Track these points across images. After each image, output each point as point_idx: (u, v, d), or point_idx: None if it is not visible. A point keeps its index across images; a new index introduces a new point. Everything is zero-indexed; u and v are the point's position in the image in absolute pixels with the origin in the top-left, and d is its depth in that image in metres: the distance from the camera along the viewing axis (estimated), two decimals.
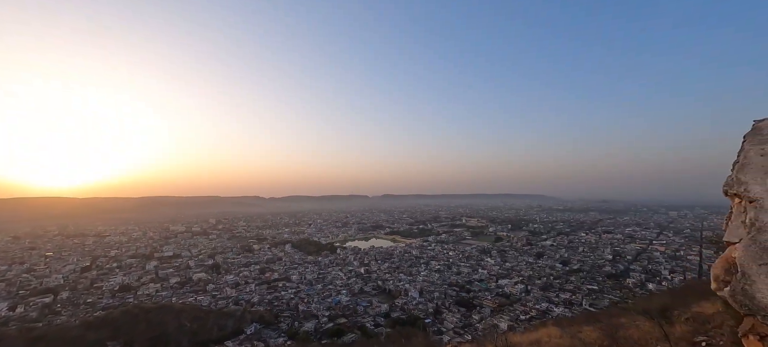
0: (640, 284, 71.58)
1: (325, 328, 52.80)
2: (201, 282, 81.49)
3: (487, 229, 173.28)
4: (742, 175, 3.61)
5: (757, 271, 2.63)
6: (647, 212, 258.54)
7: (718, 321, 7.77)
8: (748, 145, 3.88)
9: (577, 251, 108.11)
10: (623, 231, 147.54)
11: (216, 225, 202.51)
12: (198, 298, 68.88)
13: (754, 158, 3.73)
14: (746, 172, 3.59)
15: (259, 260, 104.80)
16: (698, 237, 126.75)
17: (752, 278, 2.61)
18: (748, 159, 3.76)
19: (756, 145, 3.90)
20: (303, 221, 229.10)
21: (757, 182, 3.43)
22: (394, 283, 77.30)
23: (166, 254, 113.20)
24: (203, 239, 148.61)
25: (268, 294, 71.63)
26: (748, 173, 3.56)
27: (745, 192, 3.28)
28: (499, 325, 50.79)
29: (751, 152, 3.81)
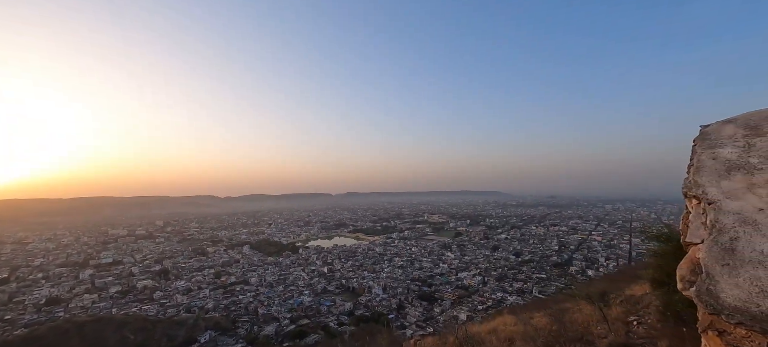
0: (582, 271, 78.90)
1: (287, 330, 51.34)
2: (147, 289, 74.79)
3: (448, 225, 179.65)
4: (698, 177, 3.73)
5: (720, 271, 2.61)
6: (588, 206, 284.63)
7: (646, 301, 8.86)
8: (700, 149, 4.18)
9: (528, 243, 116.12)
10: (567, 224, 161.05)
11: (164, 227, 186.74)
12: (143, 307, 63.21)
13: (706, 162, 3.90)
14: (702, 174, 3.73)
15: (213, 263, 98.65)
16: (628, 228, 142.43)
17: (716, 278, 2.60)
18: (702, 163, 3.92)
19: (707, 149, 4.10)
20: (262, 220, 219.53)
21: (713, 185, 3.55)
22: (358, 281, 77.26)
23: (104, 261, 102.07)
24: (149, 243, 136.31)
25: (224, 298, 67.81)
26: (704, 176, 3.70)
27: (703, 194, 3.46)
28: (458, 316, 53.06)
29: (703, 155, 4.01)
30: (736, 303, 2.37)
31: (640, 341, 6.67)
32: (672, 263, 7.09)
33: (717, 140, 4.36)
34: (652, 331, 6.97)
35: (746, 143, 4.07)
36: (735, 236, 2.86)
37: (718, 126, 4.82)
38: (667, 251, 7.34)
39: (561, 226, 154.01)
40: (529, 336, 8.03)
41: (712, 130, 4.82)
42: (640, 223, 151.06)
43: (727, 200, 3.29)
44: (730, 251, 2.75)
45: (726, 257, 2.71)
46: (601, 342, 6.92)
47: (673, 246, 7.20)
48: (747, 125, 4.48)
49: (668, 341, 6.01)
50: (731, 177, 3.57)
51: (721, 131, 4.53)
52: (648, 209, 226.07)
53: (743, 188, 3.35)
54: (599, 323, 8.18)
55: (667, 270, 7.18)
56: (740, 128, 4.46)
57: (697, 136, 4.92)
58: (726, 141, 4.25)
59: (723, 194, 3.38)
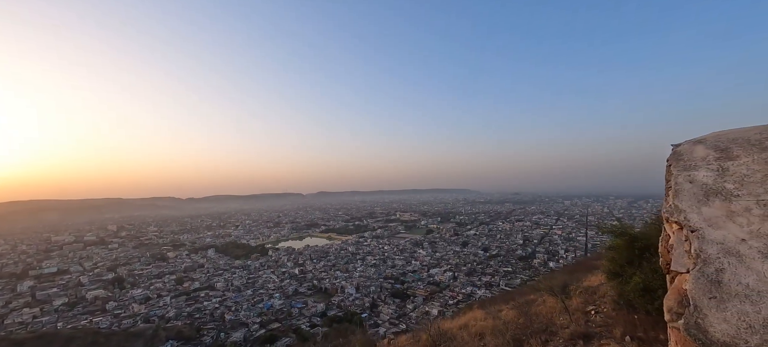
0: (544, 263, 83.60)
1: (257, 336, 49.61)
2: (98, 300, 68.92)
3: (420, 222, 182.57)
4: (678, 202, 3.56)
5: (708, 304, 2.56)
6: (549, 202, 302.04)
7: (602, 291, 9.56)
8: (675, 170, 4.02)
9: (495, 238, 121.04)
10: (531, 219, 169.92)
11: (117, 232, 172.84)
12: (95, 320, 58.21)
13: (684, 185, 3.74)
14: (681, 199, 3.58)
15: (175, 269, 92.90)
16: (584, 222, 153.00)
17: (704, 312, 2.54)
18: (679, 185, 3.76)
19: (682, 171, 3.94)
20: (229, 222, 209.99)
21: (694, 211, 3.39)
22: (330, 281, 76.35)
23: (46, 270, 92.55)
24: (100, 250, 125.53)
25: (187, 306, 64.14)
26: (684, 201, 3.55)
27: (686, 221, 3.33)
28: (430, 312, 54.17)
29: (679, 177, 3.83)
30: (725, 338, 2.30)
31: (598, 329, 7.18)
32: (624, 255, 7.74)
33: (690, 161, 4.21)
34: (608, 320, 7.53)
35: (719, 167, 4.02)
36: (720, 268, 2.80)
37: (690, 146, 4.69)
38: (619, 245, 7.97)
39: (525, 221, 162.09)
40: (499, 330, 8.36)
41: (684, 150, 4.65)
42: (594, 217, 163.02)
43: (709, 229, 3.19)
44: (717, 283, 2.68)
45: (713, 289, 2.65)
46: (563, 333, 7.36)
47: (625, 240, 7.84)
48: (717, 147, 4.41)
49: (622, 328, 6.52)
50: (710, 203, 3.49)
51: (693, 153, 4.42)
52: (601, 204, 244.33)
53: (723, 216, 3.29)
54: (561, 314, 8.69)
55: (620, 262, 7.81)
56: (711, 149, 4.38)
57: (670, 155, 4.73)
58: (700, 163, 4.14)
59: (705, 221, 3.28)
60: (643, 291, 6.39)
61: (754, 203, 3.32)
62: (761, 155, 4.06)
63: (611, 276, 8.27)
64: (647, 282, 6.31)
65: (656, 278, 6.08)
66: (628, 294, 6.89)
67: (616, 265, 7.92)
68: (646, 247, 7.01)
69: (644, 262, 6.77)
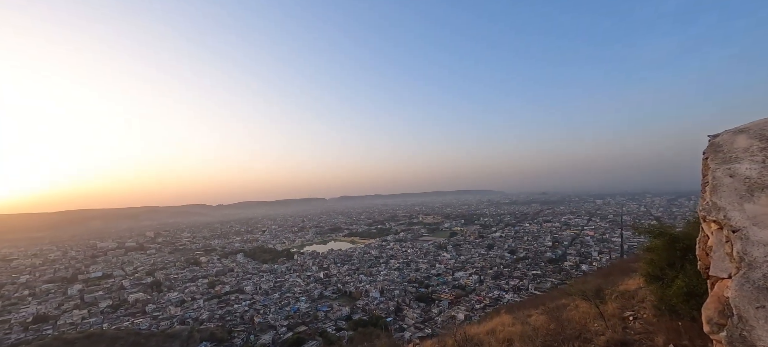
0: (576, 266, 79.82)
1: (284, 338, 50.70)
2: (139, 303, 73.20)
3: (443, 225, 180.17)
4: (716, 199, 3.11)
5: (754, 315, 2.22)
6: (579, 202, 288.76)
7: (641, 296, 8.98)
8: (712, 163, 3.59)
9: (522, 240, 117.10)
10: (560, 220, 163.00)
11: (154, 238, 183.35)
12: (136, 321, 61.79)
13: (724, 180, 3.30)
14: (720, 196, 3.14)
15: (207, 273, 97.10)
16: (619, 221, 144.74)
17: (750, 323, 2.21)
18: (719, 181, 3.30)
19: (721, 164, 3.51)
20: (256, 228, 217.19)
21: (735, 208, 2.97)
22: (354, 285, 76.83)
23: (93, 275, 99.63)
24: (139, 255, 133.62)
25: (219, 308, 66.73)
26: (723, 198, 3.11)
27: (726, 220, 2.91)
28: (456, 316, 53.13)
29: (718, 172, 3.39)
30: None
31: (637, 337, 6.74)
32: (664, 257, 7.24)
33: (731, 153, 3.65)
34: (649, 326, 7.05)
35: (765, 158, 3.49)
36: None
37: (730, 137, 4.08)
38: (659, 246, 7.45)
39: (554, 222, 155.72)
40: (528, 336, 8.05)
41: (724, 141, 4.07)
42: (630, 217, 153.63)
43: (754, 228, 2.75)
44: (765, 290, 2.36)
45: (761, 298, 2.32)
46: (598, 340, 6.97)
47: (664, 241, 7.33)
48: (762, 136, 3.81)
49: (665, 336, 6.08)
50: (755, 200, 3.01)
51: (734, 143, 3.85)
52: (637, 203, 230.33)
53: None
54: (596, 319, 8.25)
55: (660, 265, 7.30)
56: (755, 139, 3.78)
57: (707, 148, 4.15)
58: (742, 155, 3.59)
59: (749, 220, 2.85)
60: (687, 296, 5.94)
61: None
62: None
63: (650, 280, 7.75)
64: (691, 286, 5.86)
65: (701, 282, 5.63)
66: (671, 299, 6.43)
67: (656, 268, 7.42)
68: (688, 248, 6.52)
69: (687, 264, 6.29)
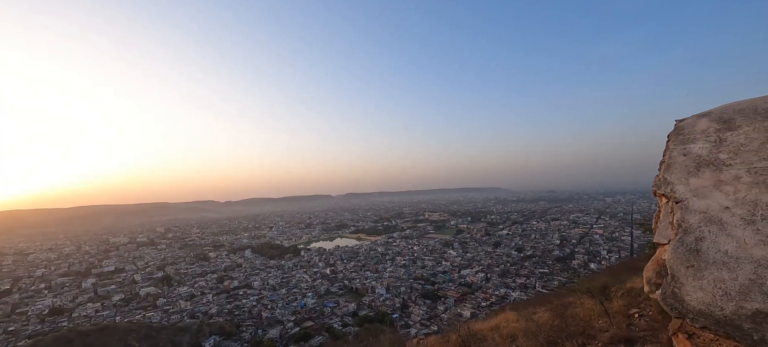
0: (584, 264, 78.96)
1: (292, 333, 51.38)
2: (150, 296, 74.85)
3: (449, 222, 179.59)
4: (668, 175, 3.48)
5: (684, 273, 2.49)
6: (588, 200, 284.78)
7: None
8: (672, 144, 3.88)
9: (529, 238, 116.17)
10: (568, 218, 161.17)
11: (165, 234, 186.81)
12: (147, 315, 63.24)
13: (677, 158, 3.64)
14: (672, 172, 3.49)
15: (216, 268, 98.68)
16: (629, 220, 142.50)
17: (681, 280, 2.47)
18: (673, 159, 3.65)
19: (678, 144, 3.81)
20: (263, 224, 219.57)
21: (682, 183, 3.32)
22: (360, 281, 77.29)
23: (106, 269, 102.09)
24: (150, 250, 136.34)
25: (227, 303, 67.86)
26: (674, 173, 3.46)
27: (672, 192, 3.23)
28: (462, 314, 53.12)
29: (674, 151, 3.71)
30: (700, 306, 2.31)
31: (642, 334, 6.69)
32: None
33: (690, 135, 4.08)
34: (654, 323, 6.99)
35: (718, 138, 3.86)
36: (700, 237, 2.76)
37: (693, 120, 4.50)
38: None
39: (562, 220, 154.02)
40: (532, 332, 8.05)
41: (687, 124, 4.51)
42: (641, 215, 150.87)
43: (694, 199, 3.14)
44: (695, 252, 2.66)
45: (691, 258, 2.62)
46: (602, 336, 6.94)
47: None
48: (721, 119, 4.21)
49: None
50: (700, 174, 3.40)
51: (695, 126, 4.26)
52: (649, 201, 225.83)
53: (711, 186, 3.19)
54: (601, 317, 8.20)
55: None
56: (714, 122, 4.18)
57: (671, 131, 4.57)
58: (698, 136, 4.00)
59: (691, 192, 3.23)
60: None
61: (744, 172, 3.24)
62: (763, 123, 3.84)
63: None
64: None
65: None
66: None
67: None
68: None
69: None
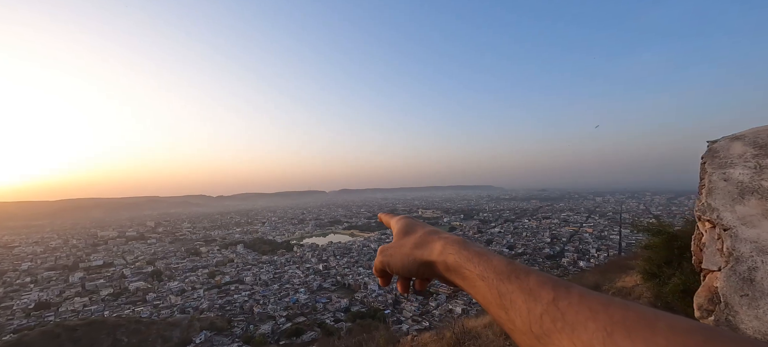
0: (573, 262, 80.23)
1: (283, 328, 51.29)
2: (139, 291, 73.89)
3: (442, 219, 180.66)
4: (711, 200, 3.42)
5: (739, 302, 2.55)
6: (578, 199, 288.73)
7: (637, 292, 9.09)
8: (710, 168, 3.85)
9: (521, 236, 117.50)
10: (559, 216, 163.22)
11: (155, 228, 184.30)
12: (136, 310, 62.50)
13: (718, 183, 3.60)
14: (715, 197, 3.45)
15: (207, 263, 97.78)
16: (618, 219, 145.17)
17: (735, 309, 2.54)
18: (713, 183, 3.62)
19: (717, 169, 3.79)
20: (256, 219, 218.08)
21: (727, 209, 3.28)
22: (353, 277, 77.42)
23: (94, 263, 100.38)
24: (140, 245, 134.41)
25: (219, 298, 67.38)
26: (717, 199, 3.42)
27: (718, 219, 3.21)
28: (454, 310, 53.65)
29: (714, 175, 3.69)
30: (756, 334, 2.30)
31: None
32: (662, 255, 7.32)
33: (727, 159, 3.86)
34: None
35: (757, 164, 3.69)
36: (753, 266, 2.75)
37: (727, 143, 4.29)
38: (657, 244, 7.52)
39: (553, 219, 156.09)
40: None
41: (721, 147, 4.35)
42: (629, 214, 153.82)
43: (743, 227, 3.11)
44: (749, 281, 2.66)
45: (745, 287, 2.64)
46: None
47: (662, 239, 7.40)
48: (756, 143, 3.96)
49: None
50: (745, 202, 3.32)
51: (730, 149, 4.00)
52: (637, 201, 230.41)
53: (758, 215, 3.14)
54: None
55: (657, 262, 7.38)
56: (749, 146, 3.93)
57: (705, 153, 4.48)
58: (736, 160, 3.81)
59: (738, 220, 3.19)
60: (683, 293, 6.03)
61: None
62: None
63: (648, 277, 7.83)
64: (687, 284, 5.94)
65: (697, 279, 5.71)
66: (667, 296, 6.52)
67: (653, 265, 7.50)
68: (686, 246, 6.58)
69: (684, 262, 6.37)
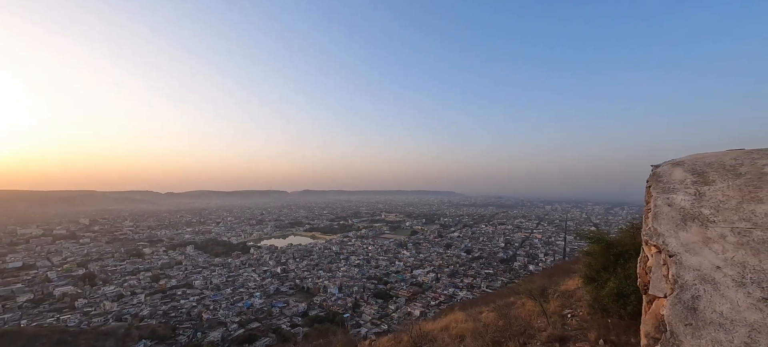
0: (524, 266, 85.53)
1: (235, 335, 48.51)
2: (67, 297, 65.71)
3: (405, 223, 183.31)
4: (657, 225, 3.47)
5: (683, 331, 2.62)
6: (530, 206, 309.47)
7: (578, 295, 9.85)
8: (654, 192, 3.93)
9: (478, 241, 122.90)
10: (513, 223, 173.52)
11: (90, 226, 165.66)
12: (62, 318, 55.50)
13: (662, 208, 3.65)
14: (660, 222, 3.51)
15: (151, 266, 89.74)
16: (563, 226, 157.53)
17: (680, 338, 2.60)
18: (658, 208, 3.68)
19: (662, 193, 3.86)
20: (210, 219, 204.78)
21: (672, 236, 3.35)
22: (312, 281, 75.56)
23: (10, 265, 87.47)
24: (71, 244, 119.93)
25: (162, 304, 62.09)
26: (662, 224, 3.47)
27: (664, 245, 3.29)
28: (412, 313, 54.44)
29: (658, 200, 3.74)
30: None
31: (574, 333, 7.38)
32: (600, 261, 7.97)
33: (669, 184, 4.17)
34: (583, 323, 7.75)
35: (696, 191, 4.07)
36: (696, 295, 2.85)
37: (668, 168, 4.63)
38: (596, 251, 8.20)
39: (507, 225, 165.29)
40: (479, 332, 8.46)
41: (663, 172, 4.58)
42: (573, 222, 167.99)
43: (686, 254, 3.23)
44: (693, 310, 2.75)
45: (689, 316, 2.72)
46: (541, 335, 7.52)
47: (601, 246, 8.08)
48: (694, 170, 4.42)
49: (597, 332, 6.72)
50: (688, 228, 3.52)
51: (672, 175, 4.39)
52: (580, 210, 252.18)
53: (700, 242, 3.33)
54: (539, 317, 8.89)
55: (596, 268, 8.04)
56: (689, 173, 4.36)
57: (650, 176, 4.69)
58: (678, 186, 4.12)
59: (682, 246, 3.31)
60: (617, 296, 6.60)
61: (728, 231, 3.42)
62: (735, 182, 4.18)
63: (587, 281, 8.49)
64: (621, 287, 6.52)
65: (629, 283, 6.30)
66: (603, 299, 7.10)
67: (593, 270, 8.15)
68: (621, 253, 7.24)
69: (619, 268, 6.99)
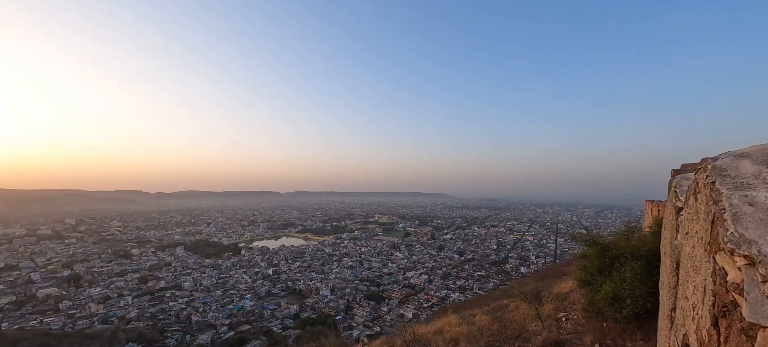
0: (516, 268, 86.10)
1: (225, 338, 47.78)
2: (51, 299, 63.90)
3: (398, 225, 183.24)
4: (741, 229, 2.41)
5: None
6: (522, 209, 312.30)
7: (572, 298, 9.85)
8: (724, 189, 2.94)
9: (470, 243, 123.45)
10: (505, 225, 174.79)
11: (76, 226, 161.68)
12: (46, 320, 53.90)
13: (743, 209, 2.63)
14: (745, 226, 2.45)
15: (139, 267, 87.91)
16: (555, 229, 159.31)
17: None
18: (736, 208, 2.67)
19: (735, 190, 2.90)
20: (200, 220, 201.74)
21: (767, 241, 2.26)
22: (305, 282, 74.88)
23: None
24: (55, 245, 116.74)
25: (150, 306, 60.81)
26: (750, 228, 2.41)
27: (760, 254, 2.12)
28: (405, 315, 54.34)
29: (733, 199, 2.76)
30: None
31: (569, 336, 7.33)
32: (595, 264, 7.96)
33: (741, 179, 3.04)
34: (579, 327, 7.72)
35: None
36: None
37: (732, 161, 3.47)
38: (591, 254, 8.20)
39: (500, 227, 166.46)
40: (473, 336, 8.38)
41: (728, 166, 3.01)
42: (564, 225, 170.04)
43: None
44: None
45: None
46: (536, 339, 7.46)
47: (596, 250, 8.08)
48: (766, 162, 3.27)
49: (592, 335, 6.68)
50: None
51: (740, 168, 3.23)
52: (571, 213, 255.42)
53: None
54: (534, 320, 8.84)
55: (592, 271, 8.04)
56: (762, 165, 3.22)
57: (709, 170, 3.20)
58: (754, 181, 2.97)
59: None
60: (613, 300, 6.59)
61: None
62: None
63: (582, 284, 8.49)
64: (617, 291, 6.51)
65: (625, 287, 6.28)
66: (599, 303, 7.09)
67: (588, 273, 8.15)
68: (616, 257, 7.25)
69: (614, 272, 6.99)
